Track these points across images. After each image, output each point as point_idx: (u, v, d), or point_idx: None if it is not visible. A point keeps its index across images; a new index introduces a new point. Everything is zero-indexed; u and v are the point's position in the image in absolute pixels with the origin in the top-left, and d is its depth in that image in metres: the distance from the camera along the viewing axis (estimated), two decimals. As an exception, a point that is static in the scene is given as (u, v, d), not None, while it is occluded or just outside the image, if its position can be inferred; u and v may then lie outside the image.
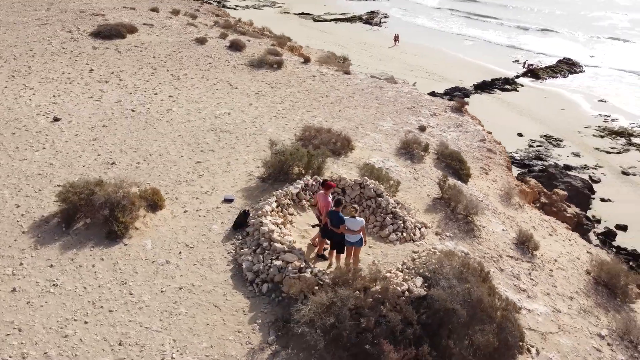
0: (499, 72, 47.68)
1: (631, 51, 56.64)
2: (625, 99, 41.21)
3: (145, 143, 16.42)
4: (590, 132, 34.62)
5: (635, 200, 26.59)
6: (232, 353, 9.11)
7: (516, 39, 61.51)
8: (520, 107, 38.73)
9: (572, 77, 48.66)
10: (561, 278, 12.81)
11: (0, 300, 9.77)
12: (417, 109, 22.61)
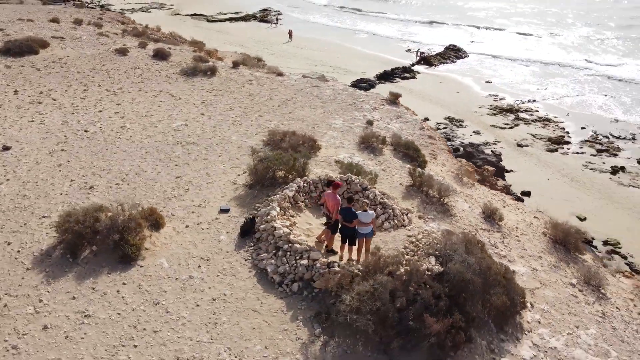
0: (396, 61, 50.29)
1: (502, 38, 62.45)
2: (506, 80, 45.60)
3: (116, 163, 16.08)
4: (484, 111, 37.47)
5: (531, 169, 29.76)
6: (287, 350, 9.77)
7: (406, 30, 65.37)
8: (422, 93, 41.23)
9: (459, 62, 52.68)
10: (527, 242, 14.86)
11: (35, 339, 9.54)
12: (358, 105, 24.01)
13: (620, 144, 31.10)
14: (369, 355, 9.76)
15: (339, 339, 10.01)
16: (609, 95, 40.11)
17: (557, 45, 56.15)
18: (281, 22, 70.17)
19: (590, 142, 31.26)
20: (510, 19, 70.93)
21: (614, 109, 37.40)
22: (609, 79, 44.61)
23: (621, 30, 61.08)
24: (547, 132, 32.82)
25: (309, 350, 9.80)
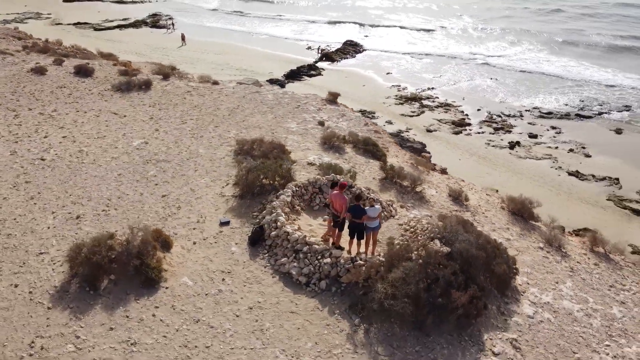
0: (299, 60, 50.27)
1: (395, 33, 65.52)
2: (404, 71, 48.02)
3: (92, 189, 15.57)
4: (391, 101, 38.62)
5: (443, 151, 31.37)
6: (335, 342, 10.56)
7: (305, 29, 66.38)
8: (331, 89, 41.55)
9: (359, 56, 54.39)
10: (492, 217, 16.82)
11: (89, 375, 9.44)
12: (303, 107, 24.90)
13: (511, 122, 33.94)
14: (407, 335, 10.85)
15: (377, 324, 10.98)
16: (494, 79, 44.00)
17: (445, 37, 60.36)
18: (175, 27, 68.23)
19: (487, 122, 33.78)
20: (400, 14, 74.77)
21: (499, 91, 40.94)
22: (492, 66, 48.75)
23: (500, 22, 67.23)
24: (450, 117, 34.85)
25: (355, 339, 10.66)
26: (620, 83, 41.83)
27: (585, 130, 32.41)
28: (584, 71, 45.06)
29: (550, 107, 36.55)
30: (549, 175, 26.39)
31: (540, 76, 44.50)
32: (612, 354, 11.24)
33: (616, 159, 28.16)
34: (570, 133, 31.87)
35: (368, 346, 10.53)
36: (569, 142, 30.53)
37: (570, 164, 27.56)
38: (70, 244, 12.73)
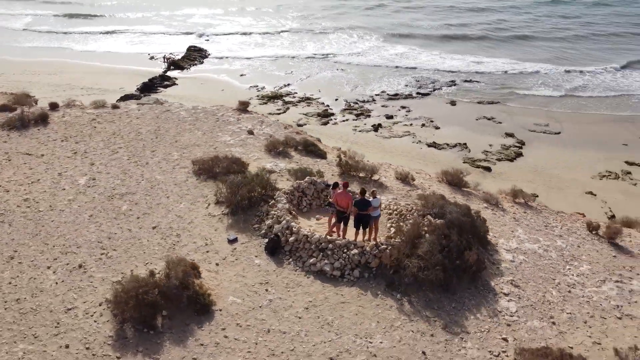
0: (147, 71, 46.12)
1: (230, 39, 63.19)
2: (255, 71, 46.12)
3: (73, 236, 14.70)
4: (255, 102, 36.44)
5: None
6: (392, 317, 12.23)
7: (145, 41, 60.94)
8: (192, 98, 37.59)
9: (206, 62, 51.11)
10: (438, 190, 19.68)
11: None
12: (222, 119, 25.32)
13: (367, 107, 35.78)
14: (440, 297, 12.93)
15: (414, 295, 12.88)
16: (342, 70, 45.58)
17: (289, 38, 60.53)
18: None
19: (348, 110, 35.10)
20: (236, 18, 73.46)
21: (349, 81, 42.37)
22: (338, 61, 49.75)
23: (339, 19, 71.10)
24: (313, 109, 35.03)
25: (404, 310, 12.43)
26: (448, 63, 47.76)
27: (428, 106, 36.04)
28: (418, 56, 50.28)
29: (395, 90, 39.55)
30: (414, 150, 28.73)
31: (381, 64, 47.42)
32: (575, 273, 14.68)
33: (459, 127, 32.06)
34: (417, 110, 34.95)
35: (417, 313, 12.38)
36: (419, 118, 33.46)
37: (426, 137, 30.37)
38: (92, 294, 12.37)
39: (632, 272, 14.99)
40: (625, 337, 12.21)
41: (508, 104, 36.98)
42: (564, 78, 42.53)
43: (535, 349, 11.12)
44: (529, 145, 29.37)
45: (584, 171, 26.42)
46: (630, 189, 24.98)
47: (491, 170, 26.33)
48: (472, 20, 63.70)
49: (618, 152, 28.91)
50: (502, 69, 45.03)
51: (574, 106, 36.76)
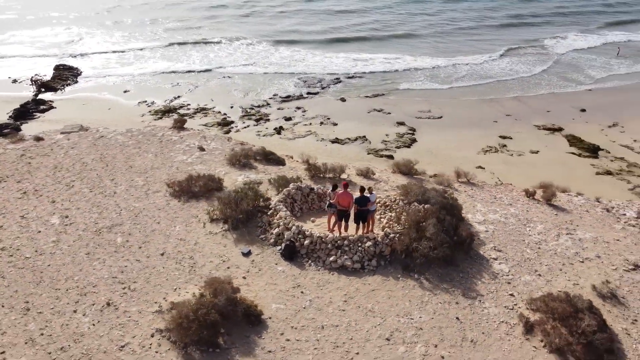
0: (15, 97, 40.03)
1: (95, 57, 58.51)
2: (139, 87, 42.74)
3: (82, 277, 14.15)
4: (149, 118, 33.84)
5: None
6: (418, 294, 13.89)
7: (3, 64, 53.81)
8: (77, 118, 32.68)
9: (81, 80, 45.45)
10: (396, 180, 21.70)
11: None
12: (166, 139, 24.97)
13: (264, 111, 35.83)
14: (447, 271, 14.85)
15: (427, 272, 14.68)
16: (228, 77, 44.56)
17: (152, 53, 56.36)
18: None
19: (246, 116, 34.55)
20: (110, 32, 67.59)
21: (239, 88, 41.36)
22: (222, 69, 47.61)
23: (193, 31, 68.90)
24: (212, 119, 33.85)
25: (425, 287, 14.16)
26: (334, 62, 49.63)
27: (321, 105, 37.18)
28: (304, 58, 50.99)
29: (286, 92, 39.98)
30: (320, 147, 28.69)
31: (269, 69, 47.29)
32: (535, 233, 17.55)
33: (354, 121, 33.76)
34: (312, 109, 35.74)
35: (437, 287, 14.18)
36: (316, 117, 34.22)
37: (327, 134, 30.80)
38: (137, 327, 12.37)
39: (573, 225, 18.29)
40: (592, 275, 15.17)
41: (392, 95, 39.89)
42: (441, 70, 47.42)
43: (542, 296, 13.51)
44: (419, 131, 32.02)
45: (470, 148, 29.60)
46: (508, 159, 28.52)
47: (394, 158, 27.58)
48: (349, 22, 67.17)
49: (491, 129, 32.87)
50: (384, 64, 48.30)
51: (451, 93, 40.91)
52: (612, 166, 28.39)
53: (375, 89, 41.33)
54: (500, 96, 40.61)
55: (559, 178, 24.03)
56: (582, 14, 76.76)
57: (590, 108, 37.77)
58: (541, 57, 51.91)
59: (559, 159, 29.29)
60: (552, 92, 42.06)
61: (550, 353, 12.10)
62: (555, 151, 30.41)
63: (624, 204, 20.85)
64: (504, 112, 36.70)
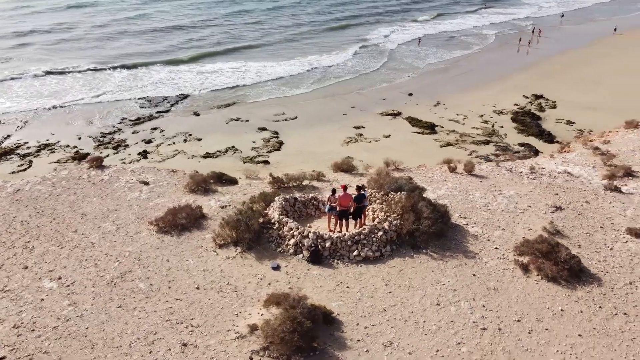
0: None
1: None
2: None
3: (135, 328, 13.71)
4: None
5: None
6: (434, 265, 16.59)
7: None
8: None
9: None
10: (344, 178, 24.00)
11: None
12: (94, 180, 23.49)
13: (118, 137, 33.71)
14: (441, 241, 17.81)
15: (429, 246, 17.46)
16: (60, 108, 40.25)
17: None
18: None
19: (102, 145, 32.31)
20: None
21: (74, 118, 37.71)
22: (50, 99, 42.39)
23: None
24: (64, 154, 30.89)
25: (435, 258, 16.92)
26: (174, 78, 48.49)
27: (176, 122, 36.37)
28: (147, 76, 49.34)
29: (136, 114, 38.42)
30: (194, 164, 28.53)
31: (105, 94, 43.96)
32: (477, 198, 21.52)
33: (216, 133, 33.90)
34: (170, 128, 34.97)
35: (444, 256, 17.05)
36: (176, 135, 33.63)
37: (196, 150, 31.09)
38: (231, 356, 12.91)
39: (498, 188, 22.77)
40: (535, 220, 19.55)
41: (244, 103, 41.43)
42: (286, 74, 50.16)
43: (523, 242, 17.26)
44: (283, 133, 34.29)
45: (333, 142, 32.87)
46: (368, 146, 32.82)
47: (270, 163, 29.63)
48: (185, 37, 65.21)
49: (344, 121, 37.14)
50: (231, 75, 49.55)
51: (299, 95, 44.12)
52: (449, 139, 34.70)
53: (225, 99, 42.39)
54: (344, 92, 45.17)
55: (414, 154, 28.89)
56: (404, 11, 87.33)
57: (415, 92, 44.79)
58: (376, 54, 58.84)
59: (408, 139, 34.61)
60: (385, 82, 48.42)
61: (548, 282, 15.83)
62: (402, 132, 35.72)
63: (512, 164, 26.29)
64: (349, 105, 41.24)
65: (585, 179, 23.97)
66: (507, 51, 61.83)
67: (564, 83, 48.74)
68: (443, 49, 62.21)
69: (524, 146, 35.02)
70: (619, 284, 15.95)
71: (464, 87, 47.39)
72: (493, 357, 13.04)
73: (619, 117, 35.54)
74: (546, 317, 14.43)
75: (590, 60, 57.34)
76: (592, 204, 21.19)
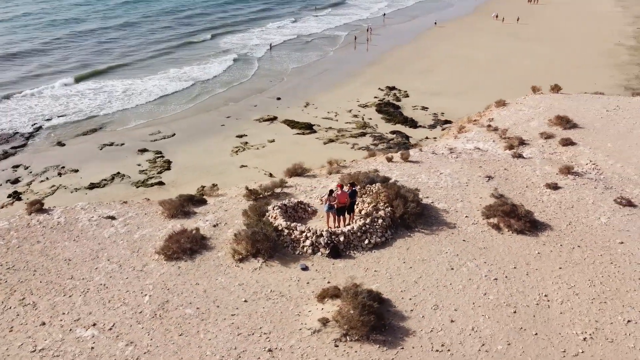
0: None
1: None
2: None
3: (213, 348, 14.12)
4: None
5: None
6: (432, 238, 19.46)
7: None
8: None
9: None
10: (301, 183, 25.66)
11: (463, 323, 15.19)
12: (53, 224, 21.97)
13: None
14: (423, 219, 20.72)
15: (418, 224, 20.26)
16: None
17: None
18: None
19: None
20: None
21: None
22: None
23: None
24: None
25: (430, 232, 19.80)
26: (21, 108, 44.55)
27: (41, 156, 34.73)
28: None
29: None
30: (82, 197, 28.37)
31: None
32: (425, 180, 24.96)
33: (93, 161, 33.50)
34: (35, 163, 33.23)
35: (436, 230, 19.98)
36: (47, 169, 31.97)
37: (77, 182, 30.52)
38: (317, 350, 14.28)
39: (435, 169, 26.46)
40: (480, 190, 23.52)
41: (111, 126, 40.51)
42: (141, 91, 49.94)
43: (487, 207, 20.95)
44: (166, 152, 34.90)
45: (221, 153, 34.56)
46: (257, 152, 35.66)
47: (165, 183, 30.39)
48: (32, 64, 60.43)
49: (224, 132, 39.24)
50: (88, 97, 47.27)
51: (168, 112, 44.47)
52: (329, 135, 38.90)
53: (91, 124, 40.84)
54: (216, 104, 46.69)
55: (304, 154, 32.15)
56: (256, 20, 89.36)
57: (283, 96, 48.58)
58: (244, 64, 61.12)
59: (292, 140, 38.05)
60: (254, 89, 51.27)
61: (518, 234, 19.68)
62: (284, 135, 38.91)
63: (432, 148, 30.53)
64: (224, 116, 43.07)
65: (494, 152, 29.01)
66: (354, 50, 68.59)
67: (407, 74, 56.39)
68: (301, 52, 66.83)
69: (395, 133, 40.37)
70: (562, 226, 20.47)
71: (326, 86, 52.10)
72: (513, 298, 16.27)
73: (458, 100, 44.05)
74: (532, 261, 18.18)
75: (421, 52, 66.67)
76: (509, 170, 26.01)
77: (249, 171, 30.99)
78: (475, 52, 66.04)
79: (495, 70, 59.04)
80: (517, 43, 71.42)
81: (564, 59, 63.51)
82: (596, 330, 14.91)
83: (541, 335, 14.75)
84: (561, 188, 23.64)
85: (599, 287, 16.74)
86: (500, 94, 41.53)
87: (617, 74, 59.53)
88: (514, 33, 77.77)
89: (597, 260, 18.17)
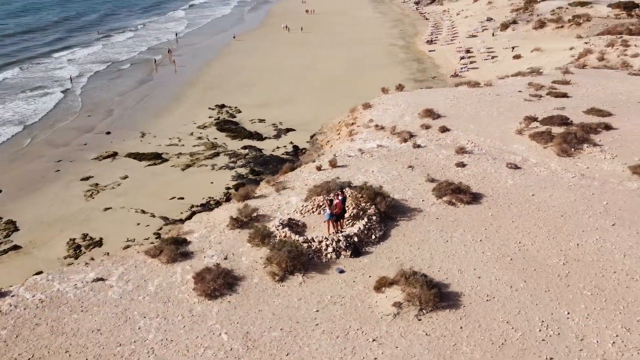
0: None
1: None
2: None
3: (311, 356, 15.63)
4: None
5: None
6: (426, 221, 23.34)
7: None
8: None
9: None
10: (264, 200, 26.97)
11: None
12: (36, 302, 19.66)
13: None
14: (397, 208, 24.47)
15: (397, 213, 23.94)
16: None
17: None
18: None
19: None
20: None
21: None
22: None
23: None
24: None
25: (414, 221, 23.63)
26: None
27: None
28: None
29: None
30: None
31: None
32: (374, 178, 28.71)
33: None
34: None
35: (414, 215, 23.81)
36: None
37: None
38: (406, 327, 17.03)
39: (365, 169, 30.36)
40: (415, 179, 28.26)
41: None
42: None
43: (435, 187, 25.60)
44: (2, 212, 32.67)
45: (74, 201, 34.22)
46: (116, 191, 35.90)
47: (21, 247, 28.49)
48: None
49: (63, 177, 37.90)
50: None
51: None
52: (184, 161, 40.51)
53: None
54: (35, 149, 44.67)
55: (167, 185, 34.31)
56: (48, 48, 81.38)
57: (112, 129, 48.86)
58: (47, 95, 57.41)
59: (148, 172, 39.00)
60: (75, 127, 49.88)
61: (470, 205, 24.75)
62: (135, 169, 39.21)
63: (345, 150, 34.43)
64: (53, 161, 40.57)
65: (395, 147, 34.18)
66: (166, 72, 69.48)
67: (229, 90, 60.35)
68: (117, 79, 65.39)
69: (247, 148, 43.40)
70: (490, 192, 26.29)
71: (154, 112, 52.69)
72: (502, 250, 21.01)
73: (289, 107, 49.39)
74: (492, 221, 23.29)
75: (234, 67, 71.14)
76: (419, 158, 31.35)
77: (117, 212, 29.54)
78: (283, 61, 72.54)
79: (308, 77, 66.05)
80: (312, 50, 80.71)
81: (358, 61, 74.19)
82: (566, 256, 20.58)
83: (538, 270, 19.78)
84: (467, 165, 29.74)
85: (545, 229, 22.64)
86: (328, 98, 47.43)
87: (403, 70, 72.24)
88: (304, 42, 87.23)
89: (528, 210, 24.22)
